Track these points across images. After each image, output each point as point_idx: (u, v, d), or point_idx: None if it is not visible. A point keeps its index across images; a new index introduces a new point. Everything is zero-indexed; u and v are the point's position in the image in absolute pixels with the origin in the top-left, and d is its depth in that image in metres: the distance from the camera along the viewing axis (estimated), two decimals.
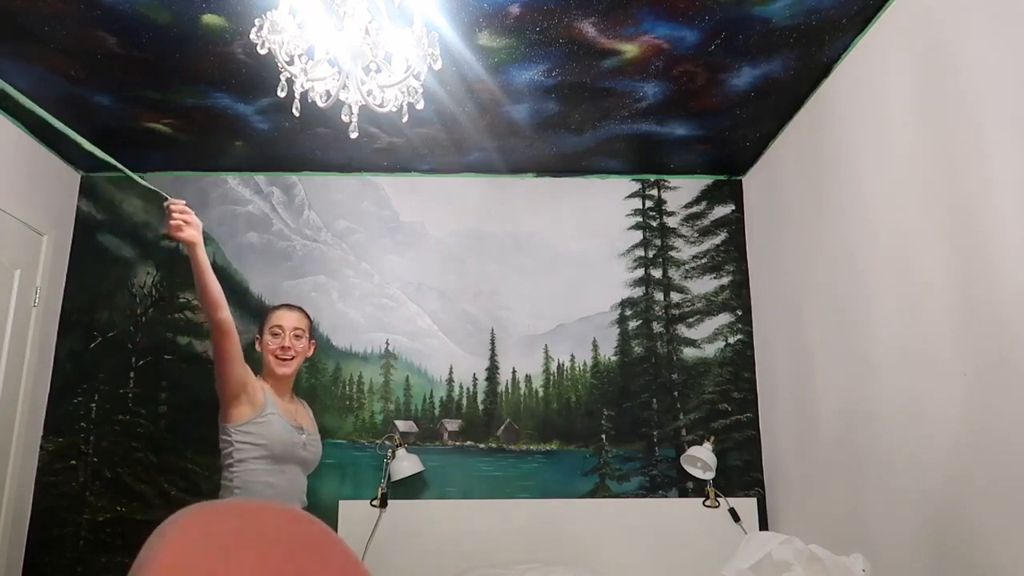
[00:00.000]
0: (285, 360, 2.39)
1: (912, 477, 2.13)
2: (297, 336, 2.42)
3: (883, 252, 2.31)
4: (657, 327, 3.52)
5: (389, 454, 3.27)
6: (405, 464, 3.21)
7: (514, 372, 3.49)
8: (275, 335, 2.40)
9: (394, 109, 1.79)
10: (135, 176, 2.32)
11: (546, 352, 3.51)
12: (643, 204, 3.64)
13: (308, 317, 2.53)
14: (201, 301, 2.20)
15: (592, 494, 3.36)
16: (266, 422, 2.29)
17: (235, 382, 2.25)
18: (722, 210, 3.63)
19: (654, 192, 3.65)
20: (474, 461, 3.40)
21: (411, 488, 3.29)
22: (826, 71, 2.64)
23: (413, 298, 3.52)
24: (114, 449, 3.29)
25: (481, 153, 3.37)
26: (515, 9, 2.30)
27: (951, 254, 1.95)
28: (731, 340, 3.50)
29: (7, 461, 3.01)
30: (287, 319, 2.43)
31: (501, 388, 3.48)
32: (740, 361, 3.48)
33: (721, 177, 3.64)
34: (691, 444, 3.35)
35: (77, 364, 3.37)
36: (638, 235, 3.61)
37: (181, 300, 3.46)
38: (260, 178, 3.63)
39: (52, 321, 3.35)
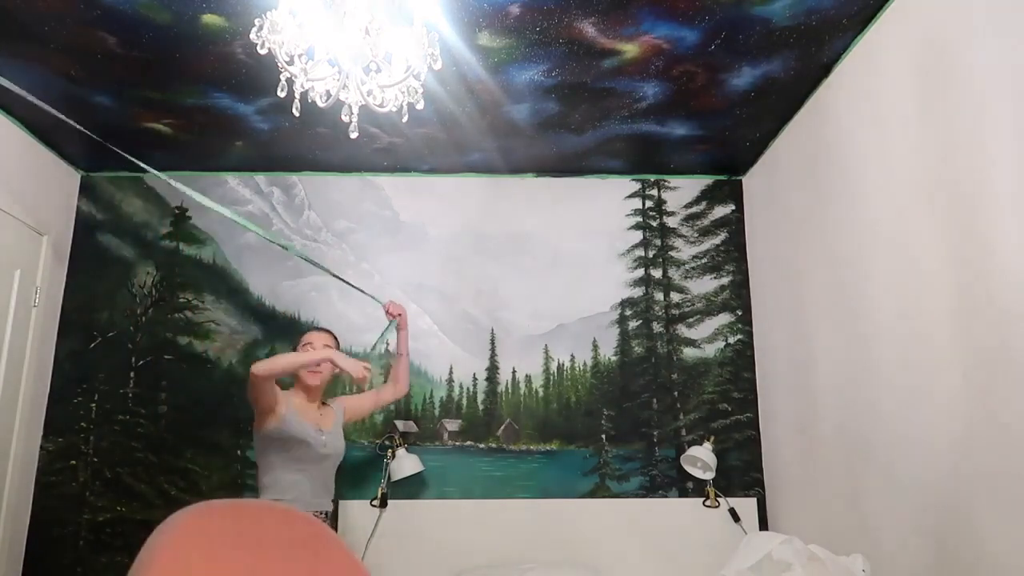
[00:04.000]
0: (315, 372, 2.71)
1: (912, 477, 2.13)
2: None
3: (883, 251, 2.30)
4: (657, 327, 3.52)
5: (389, 454, 3.27)
6: (405, 464, 3.21)
7: (514, 372, 3.49)
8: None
9: (394, 109, 1.79)
10: (356, 287, 3.14)
11: (546, 352, 3.51)
12: (643, 204, 3.64)
13: (335, 338, 2.87)
14: (400, 378, 2.99)
15: (592, 494, 3.36)
16: (286, 427, 2.58)
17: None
18: (722, 210, 3.63)
19: (654, 192, 3.65)
20: (474, 461, 3.40)
21: (411, 488, 3.29)
22: (826, 71, 2.64)
23: (413, 298, 3.52)
24: (114, 449, 3.29)
25: (481, 153, 3.37)
26: (515, 9, 2.30)
27: (951, 253, 1.95)
28: (731, 340, 3.50)
29: (7, 461, 3.01)
30: (317, 337, 2.79)
31: (501, 388, 3.47)
32: (740, 361, 3.48)
33: (721, 177, 3.64)
34: (691, 444, 3.35)
35: (77, 364, 3.37)
36: (638, 235, 3.61)
37: (181, 300, 3.46)
38: (260, 178, 3.63)
39: (52, 321, 3.35)
